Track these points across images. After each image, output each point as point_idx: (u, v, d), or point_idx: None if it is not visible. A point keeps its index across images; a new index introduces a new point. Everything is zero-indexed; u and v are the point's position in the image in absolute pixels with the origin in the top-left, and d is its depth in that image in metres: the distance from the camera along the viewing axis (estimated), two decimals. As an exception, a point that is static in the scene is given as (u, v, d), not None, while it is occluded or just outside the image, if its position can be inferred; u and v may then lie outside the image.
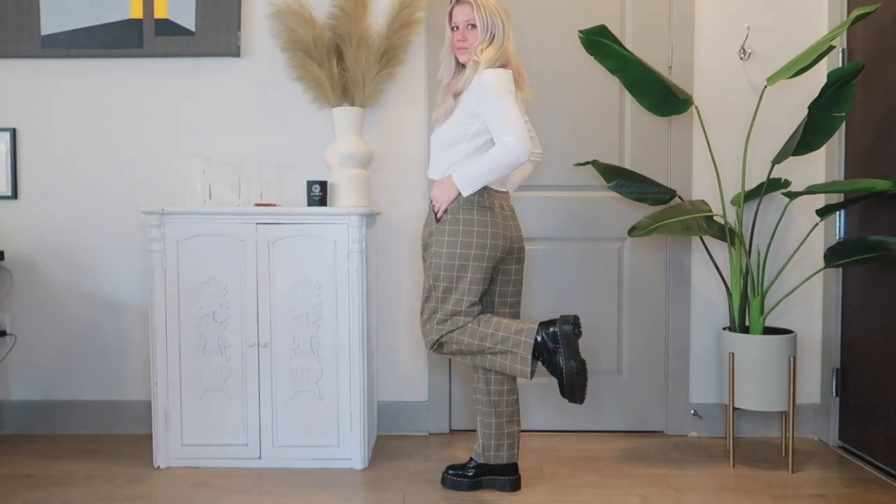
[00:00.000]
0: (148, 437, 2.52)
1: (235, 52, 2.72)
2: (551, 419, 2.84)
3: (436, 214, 2.12)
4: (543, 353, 2.03)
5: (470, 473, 2.24)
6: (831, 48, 2.25)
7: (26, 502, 2.18)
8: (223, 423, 2.43)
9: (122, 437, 2.76)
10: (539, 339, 2.03)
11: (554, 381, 2.82)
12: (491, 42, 2.07)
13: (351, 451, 2.43)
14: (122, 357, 2.82)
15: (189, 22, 2.71)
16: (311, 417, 2.42)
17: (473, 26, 2.09)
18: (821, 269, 2.53)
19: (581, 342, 2.81)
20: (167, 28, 2.71)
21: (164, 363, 2.42)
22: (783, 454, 2.56)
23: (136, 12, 2.71)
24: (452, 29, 2.14)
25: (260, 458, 2.43)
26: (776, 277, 2.54)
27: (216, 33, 2.71)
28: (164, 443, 2.43)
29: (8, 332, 2.80)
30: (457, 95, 2.11)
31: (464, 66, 2.13)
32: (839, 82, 2.25)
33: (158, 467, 2.43)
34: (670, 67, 2.74)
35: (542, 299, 2.81)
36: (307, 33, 2.56)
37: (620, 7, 2.76)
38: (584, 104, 2.79)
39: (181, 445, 2.43)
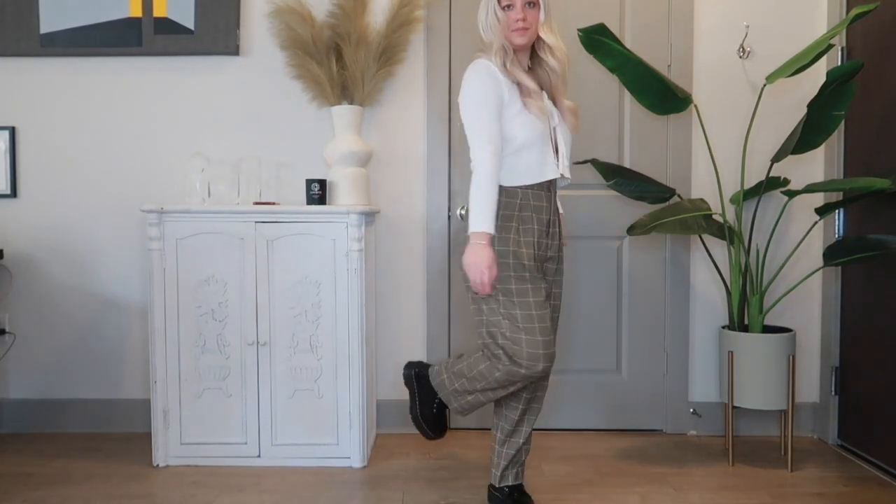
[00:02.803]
0: (147, 436, 2.52)
1: (234, 51, 2.72)
2: (550, 418, 2.83)
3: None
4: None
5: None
6: (830, 47, 2.24)
7: (25, 501, 2.18)
8: (222, 421, 2.43)
9: (120, 435, 2.75)
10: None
11: (555, 378, 2.83)
12: (546, 19, 1.91)
13: (350, 449, 2.43)
14: (121, 355, 2.82)
15: (188, 20, 2.70)
16: (310, 416, 2.42)
17: (532, 4, 1.88)
18: (820, 268, 2.53)
19: (581, 340, 2.83)
20: (166, 27, 2.71)
21: (163, 361, 2.42)
22: (782, 453, 2.56)
23: (136, 11, 2.71)
24: (505, 8, 1.88)
25: (259, 456, 2.43)
26: (775, 276, 2.54)
27: (215, 32, 2.71)
28: (163, 441, 2.43)
29: (7, 330, 2.79)
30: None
31: (516, 51, 1.91)
32: (838, 81, 2.24)
33: (157, 466, 2.43)
34: (669, 66, 2.74)
35: (541, 298, 2.81)
36: (306, 32, 2.56)
37: (620, 5, 2.76)
38: (583, 103, 2.78)
39: (180, 444, 2.43)
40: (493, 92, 1.86)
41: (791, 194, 2.49)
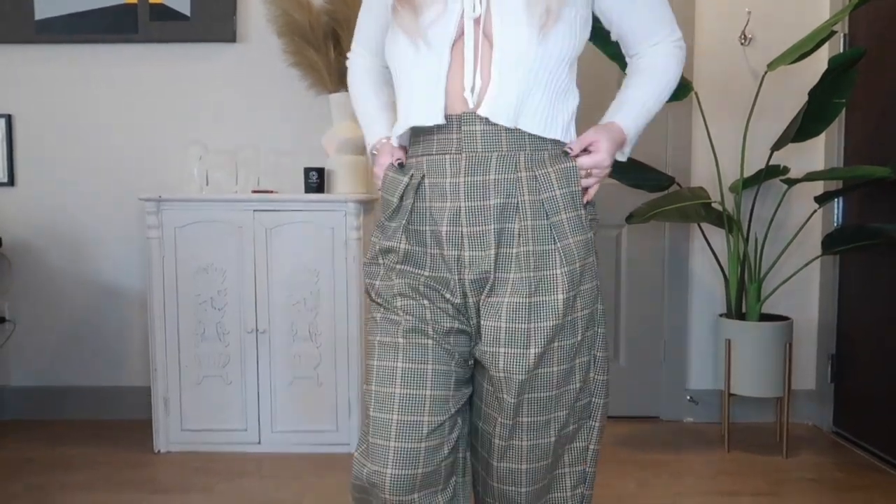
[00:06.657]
0: (147, 423, 2.54)
1: (231, 38, 2.70)
2: (548, 405, 2.85)
3: (585, 189, 1.25)
4: None
5: None
6: (832, 34, 2.23)
7: (27, 486, 2.20)
8: (222, 408, 2.44)
9: (121, 422, 2.77)
10: None
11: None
12: None
13: (349, 435, 2.44)
14: (121, 343, 2.83)
15: (184, 7, 2.68)
16: (310, 403, 2.44)
17: None
18: (818, 256, 2.53)
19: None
20: (162, 13, 2.68)
21: (162, 349, 2.43)
22: (778, 439, 2.57)
23: (132, -4, 2.69)
24: None
25: (259, 443, 2.45)
26: (773, 264, 2.54)
27: (211, 18, 2.68)
28: (163, 428, 2.44)
29: (7, 318, 2.80)
30: None
31: None
32: (840, 68, 2.23)
33: (158, 452, 2.45)
34: (670, 53, 2.72)
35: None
36: (303, 18, 2.54)
37: (620, -9, 2.74)
38: (583, 89, 2.74)
39: (180, 430, 2.45)
40: None
41: (790, 182, 2.48)
